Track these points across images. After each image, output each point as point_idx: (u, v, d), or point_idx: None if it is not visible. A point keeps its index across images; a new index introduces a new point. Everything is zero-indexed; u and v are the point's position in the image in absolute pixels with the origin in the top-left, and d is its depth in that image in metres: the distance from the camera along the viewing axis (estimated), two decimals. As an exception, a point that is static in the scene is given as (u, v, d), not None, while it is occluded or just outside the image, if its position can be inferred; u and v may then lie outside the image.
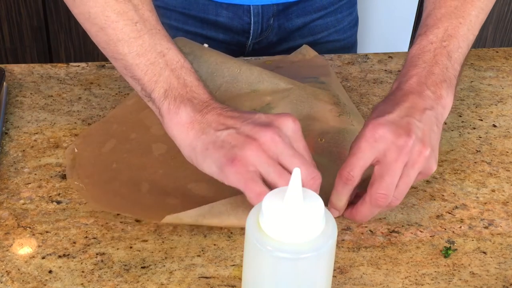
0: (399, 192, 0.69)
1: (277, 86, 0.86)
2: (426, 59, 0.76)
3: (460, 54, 0.77)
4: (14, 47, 1.97)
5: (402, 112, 0.71)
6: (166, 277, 0.68)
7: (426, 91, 0.73)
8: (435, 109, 0.73)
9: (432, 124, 0.72)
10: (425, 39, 0.77)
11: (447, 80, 0.75)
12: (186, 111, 0.70)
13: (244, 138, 0.67)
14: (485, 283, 0.69)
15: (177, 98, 0.71)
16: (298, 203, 0.54)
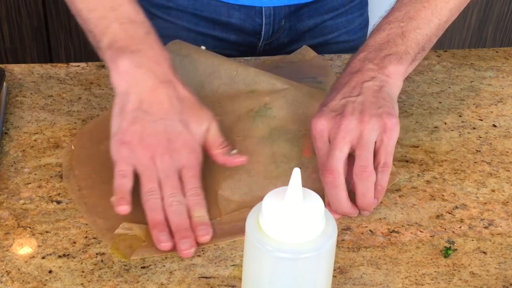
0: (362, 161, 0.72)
1: (273, 87, 0.86)
2: (378, 38, 0.79)
3: (418, 34, 0.79)
4: (14, 47, 1.97)
5: (338, 98, 0.75)
6: (166, 277, 0.68)
7: (368, 65, 0.77)
8: (376, 78, 0.76)
9: (374, 91, 0.75)
10: (384, 20, 0.81)
11: (392, 54, 0.77)
12: (124, 62, 0.74)
13: (148, 134, 0.72)
14: (485, 283, 0.69)
15: (120, 49, 0.74)
16: (298, 203, 0.54)
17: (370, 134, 0.72)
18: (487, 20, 2.15)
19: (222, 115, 0.84)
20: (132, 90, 0.74)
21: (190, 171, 0.73)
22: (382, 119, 0.72)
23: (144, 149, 0.72)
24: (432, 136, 0.88)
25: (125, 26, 0.76)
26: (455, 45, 2.18)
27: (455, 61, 1.04)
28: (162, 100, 0.74)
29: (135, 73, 0.74)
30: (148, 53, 0.75)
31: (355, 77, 0.76)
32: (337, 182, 0.71)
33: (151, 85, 0.74)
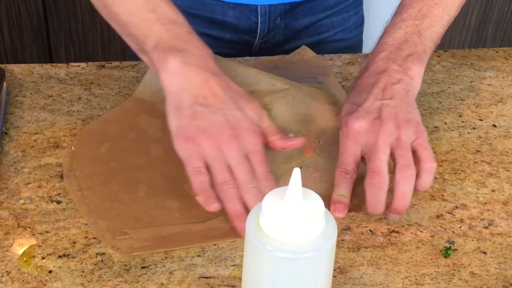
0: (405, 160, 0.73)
1: (273, 87, 0.86)
2: (396, 36, 0.80)
3: (433, 32, 0.81)
4: (14, 47, 1.97)
5: (371, 99, 0.76)
6: (166, 277, 0.68)
7: (392, 66, 0.78)
8: (403, 80, 0.77)
9: (403, 96, 0.77)
10: (398, 17, 0.82)
11: (413, 54, 0.79)
12: (174, 61, 0.75)
13: (209, 125, 0.73)
14: (485, 283, 0.69)
15: (167, 49, 0.75)
16: (298, 203, 0.54)
17: (406, 138, 0.74)
18: (487, 20, 2.15)
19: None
20: (184, 88, 0.75)
21: (257, 156, 0.74)
22: (415, 126, 0.75)
23: (209, 140, 0.72)
24: (432, 136, 0.88)
25: (168, 27, 0.77)
26: (455, 45, 2.18)
27: (455, 61, 1.04)
28: (216, 91, 0.75)
29: (186, 71, 0.75)
30: (194, 52, 0.76)
31: (383, 78, 0.77)
32: (383, 184, 0.72)
33: (203, 80, 0.75)
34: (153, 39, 0.76)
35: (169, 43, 0.76)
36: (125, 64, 0.98)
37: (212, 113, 0.73)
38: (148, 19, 0.77)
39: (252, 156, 0.73)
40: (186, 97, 0.74)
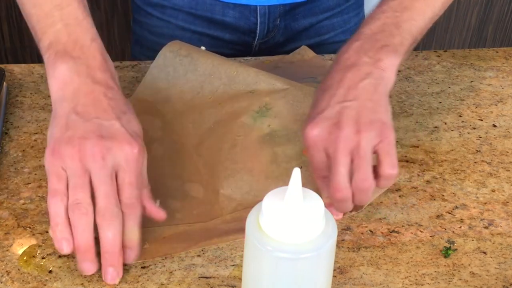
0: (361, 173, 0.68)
1: (274, 87, 0.86)
2: (373, 26, 0.76)
3: (412, 26, 0.77)
4: (14, 47, 1.97)
5: (332, 102, 0.71)
6: (166, 277, 0.68)
7: (363, 58, 0.73)
8: (372, 74, 0.72)
9: (369, 93, 0.71)
10: (379, 9, 0.78)
11: (390, 45, 0.74)
12: (62, 68, 0.68)
13: (77, 134, 0.65)
14: (485, 283, 0.69)
15: (59, 53, 0.69)
16: (298, 203, 0.54)
17: (367, 144, 0.69)
18: (487, 20, 2.15)
19: (222, 115, 0.84)
20: (67, 96, 0.67)
21: (127, 174, 0.65)
22: (378, 128, 0.70)
23: (72, 151, 0.64)
24: (432, 136, 0.88)
25: (70, 29, 0.70)
26: (455, 45, 2.18)
27: (455, 61, 1.04)
28: (99, 101, 0.67)
29: (73, 80, 0.68)
30: (89, 62, 0.69)
31: (350, 73, 0.72)
32: (347, 197, 0.69)
33: (88, 90, 0.67)
34: (48, 38, 0.70)
35: (64, 47, 0.69)
36: (125, 64, 0.98)
37: (85, 122, 0.65)
38: (51, 15, 0.70)
39: (120, 174, 0.65)
40: (64, 106, 0.67)
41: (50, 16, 0.70)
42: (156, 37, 1.07)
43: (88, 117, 0.66)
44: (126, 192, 0.65)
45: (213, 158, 0.80)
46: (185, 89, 0.88)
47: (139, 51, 1.12)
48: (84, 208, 0.64)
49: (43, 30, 0.70)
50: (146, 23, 1.09)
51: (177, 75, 0.88)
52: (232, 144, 0.81)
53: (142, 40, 1.11)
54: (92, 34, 0.71)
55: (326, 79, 0.75)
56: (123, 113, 0.68)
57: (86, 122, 0.65)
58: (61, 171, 0.64)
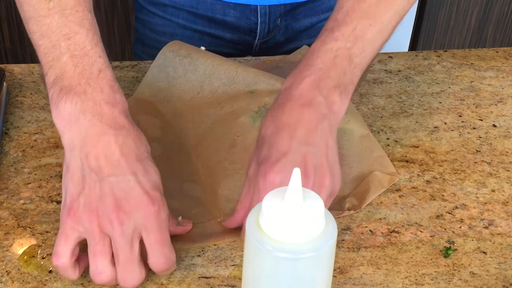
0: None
1: (273, 87, 0.86)
2: (325, 59, 0.72)
3: (363, 59, 0.73)
4: (14, 47, 1.97)
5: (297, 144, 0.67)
6: (166, 277, 0.68)
7: (318, 97, 0.70)
8: (327, 116, 0.70)
9: (327, 137, 0.69)
10: (330, 34, 0.73)
11: (341, 86, 0.71)
12: (66, 107, 0.64)
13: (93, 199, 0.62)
14: (485, 283, 0.69)
15: (64, 89, 0.65)
16: (298, 203, 0.54)
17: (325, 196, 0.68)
18: (487, 20, 2.15)
19: (222, 115, 0.84)
20: (76, 143, 0.64)
21: (151, 235, 0.63)
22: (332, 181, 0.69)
23: (89, 216, 0.62)
24: (432, 136, 0.88)
25: (76, 60, 0.65)
26: (455, 45, 2.18)
27: (455, 61, 1.04)
28: (110, 151, 0.63)
29: (79, 120, 0.64)
30: (96, 96, 0.65)
31: (307, 114, 0.69)
32: None
33: (96, 134, 0.63)
34: (54, 72, 0.66)
35: (69, 81, 0.65)
36: (125, 64, 0.98)
37: (100, 182, 0.62)
38: (58, 46, 0.66)
39: (144, 235, 0.63)
40: (75, 156, 0.64)
41: (57, 48, 0.66)
42: (157, 35, 1.08)
43: (102, 175, 0.63)
44: (156, 252, 0.64)
45: (211, 158, 0.80)
46: (185, 89, 0.88)
47: (141, 49, 1.13)
48: (105, 277, 0.63)
49: (49, 64, 0.66)
50: (147, 21, 1.09)
51: (177, 75, 0.88)
52: (231, 144, 0.81)
53: (143, 38, 1.11)
54: (100, 64, 0.66)
55: (280, 115, 0.70)
56: (138, 162, 0.64)
57: (101, 182, 0.62)
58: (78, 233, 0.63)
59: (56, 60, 0.66)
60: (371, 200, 0.77)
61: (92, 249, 0.63)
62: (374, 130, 0.88)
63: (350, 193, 0.78)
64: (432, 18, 2.10)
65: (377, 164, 0.81)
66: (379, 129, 0.89)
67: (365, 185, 0.78)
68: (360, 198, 0.77)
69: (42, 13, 0.67)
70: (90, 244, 0.63)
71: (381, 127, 0.89)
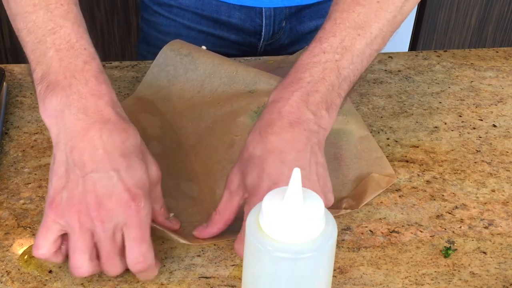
0: None
1: (273, 87, 0.85)
2: (313, 71, 0.71)
3: (351, 71, 0.72)
4: (14, 47, 1.97)
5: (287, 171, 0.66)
6: (166, 277, 0.68)
7: (307, 114, 0.69)
8: (316, 133, 0.69)
9: (316, 155, 0.69)
10: (318, 45, 0.72)
11: (328, 101, 0.70)
12: (52, 102, 0.64)
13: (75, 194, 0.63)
14: (485, 283, 0.69)
15: (50, 85, 0.65)
16: (298, 203, 0.54)
17: None
18: (487, 20, 2.15)
19: (221, 115, 0.84)
20: (61, 137, 0.64)
21: (131, 232, 0.63)
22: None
23: (70, 212, 0.62)
24: (432, 136, 0.88)
25: (61, 54, 0.65)
26: (455, 45, 2.18)
27: (455, 61, 1.04)
28: (94, 148, 0.63)
29: (64, 114, 0.64)
30: (81, 89, 0.64)
31: (297, 133, 0.68)
32: None
33: (82, 128, 0.63)
34: (41, 69, 0.66)
35: (55, 76, 0.65)
36: (125, 64, 0.98)
37: (82, 178, 0.62)
38: (44, 41, 0.66)
39: (125, 231, 0.64)
40: (61, 150, 0.64)
41: (43, 43, 0.66)
42: (162, 35, 1.08)
43: (85, 171, 0.63)
44: (133, 249, 0.64)
45: (210, 157, 0.80)
46: (185, 88, 0.88)
47: (145, 48, 1.13)
48: (84, 271, 0.64)
49: (37, 60, 0.67)
50: (153, 21, 1.09)
51: (178, 74, 0.89)
52: (229, 144, 0.81)
53: (148, 38, 1.12)
54: (85, 56, 0.66)
55: (269, 134, 0.68)
56: (122, 158, 0.64)
57: (83, 178, 0.63)
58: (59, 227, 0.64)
59: (42, 56, 0.66)
60: (368, 201, 0.77)
61: (72, 244, 0.63)
62: (374, 130, 0.88)
63: (348, 194, 0.78)
64: (432, 18, 2.10)
65: (376, 166, 0.81)
66: (379, 129, 0.89)
67: (363, 186, 0.78)
68: (357, 198, 0.77)
69: (28, 9, 0.67)
70: (70, 238, 0.63)
71: (381, 127, 0.89)
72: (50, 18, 0.67)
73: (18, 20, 0.68)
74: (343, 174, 0.79)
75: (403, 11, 0.75)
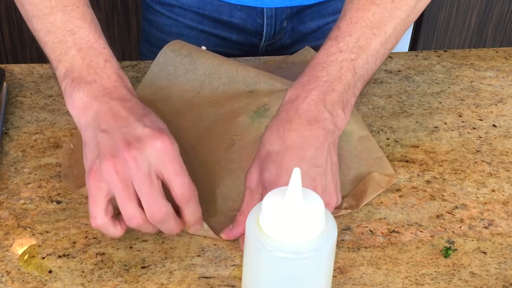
0: None
1: (272, 87, 0.86)
2: (330, 70, 0.72)
3: (365, 70, 0.73)
4: (14, 47, 1.97)
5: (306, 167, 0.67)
6: (166, 277, 0.68)
7: (324, 113, 0.70)
8: (332, 132, 0.70)
9: (332, 154, 0.70)
10: (334, 44, 0.73)
11: (344, 100, 0.72)
12: (79, 95, 0.69)
13: (107, 150, 0.65)
14: (485, 283, 0.69)
15: (75, 80, 0.69)
16: (298, 203, 0.54)
17: None
18: (487, 20, 2.15)
19: (221, 115, 0.84)
20: (90, 121, 0.68)
21: (169, 167, 0.65)
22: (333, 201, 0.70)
23: (107, 167, 0.64)
24: (432, 136, 0.88)
25: (83, 53, 0.70)
26: (455, 45, 2.18)
27: (455, 61, 1.04)
28: (119, 113, 0.67)
29: (91, 104, 0.68)
30: (104, 83, 0.70)
31: (315, 131, 0.69)
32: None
33: (107, 107, 0.68)
34: (64, 66, 0.70)
35: (79, 73, 0.69)
36: (125, 64, 0.98)
37: (112, 137, 0.66)
38: (65, 41, 0.71)
39: (162, 169, 0.65)
40: (90, 130, 0.67)
41: (64, 43, 0.71)
42: (164, 35, 1.08)
43: (113, 131, 0.66)
44: (176, 183, 0.66)
45: (209, 157, 0.80)
46: (185, 88, 0.88)
47: (147, 48, 1.13)
48: (137, 220, 0.65)
49: (58, 59, 0.71)
50: (154, 21, 1.09)
51: (177, 74, 0.89)
52: (229, 144, 0.81)
53: (150, 37, 1.12)
54: (106, 56, 0.71)
55: (287, 131, 0.69)
56: (144, 116, 0.68)
57: (113, 136, 0.65)
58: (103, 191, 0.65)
59: (64, 54, 0.70)
60: (368, 201, 0.77)
61: (119, 200, 0.65)
62: (374, 130, 0.88)
63: (347, 194, 0.78)
64: (432, 18, 2.10)
65: (376, 166, 0.81)
66: (379, 129, 0.89)
67: (363, 186, 0.78)
68: (357, 198, 0.77)
69: (46, 11, 0.71)
70: (116, 196, 0.65)
71: (381, 127, 0.89)
72: (69, 20, 0.71)
73: (35, 21, 0.72)
74: (343, 174, 0.79)
75: (416, 10, 0.76)
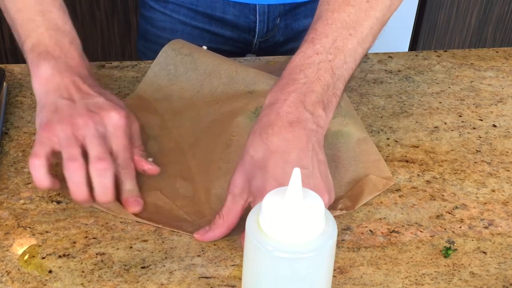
0: None
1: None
2: (308, 72, 0.72)
3: (345, 70, 0.73)
4: (14, 47, 1.97)
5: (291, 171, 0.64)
6: (166, 277, 0.68)
7: (305, 114, 0.70)
8: (315, 132, 0.70)
9: (317, 153, 0.70)
10: (311, 46, 0.74)
11: (324, 100, 0.71)
12: (45, 67, 0.74)
13: (68, 113, 0.71)
14: (485, 283, 0.69)
15: (42, 53, 0.75)
16: (298, 202, 0.54)
17: None
18: (487, 20, 2.15)
19: (220, 115, 0.84)
20: (52, 89, 0.74)
21: (119, 140, 0.72)
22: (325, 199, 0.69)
23: (63, 126, 0.70)
24: (432, 136, 0.88)
25: (50, 33, 0.76)
26: (455, 45, 2.18)
27: (455, 61, 1.04)
28: (81, 87, 0.74)
29: (55, 77, 0.74)
30: (69, 61, 0.76)
31: (297, 132, 0.69)
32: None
33: (70, 81, 0.74)
34: (31, 41, 0.76)
35: (46, 48, 0.76)
36: (125, 64, 0.98)
37: (73, 104, 0.72)
38: (33, 20, 0.77)
39: (113, 140, 0.72)
40: (50, 96, 0.73)
41: (33, 21, 0.77)
42: (158, 30, 1.09)
43: (74, 100, 0.72)
44: (120, 154, 0.72)
45: (206, 157, 0.80)
46: (185, 88, 0.88)
47: (143, 44, 1.14)
48: (78, 163, 0.69)
49: (26, 34, 0.77)
50: (149, 17, 1.10)
51: (178, 73, 0.89)
52: (226, 144, 0.81)
53: (145, 33, 1.12)
54: (70, 37, 0.78)
55: (270, 135, 0.69)
56: (103, 93, 0.75)
57: (74, 103, 0.72)
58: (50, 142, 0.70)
59: (32, 31, 0.77)
60: (364, 202, 0.77)
61: (64, 144, 0.69)
62: (374, 130, 0.88)
63: (344, 195, 0.78)
64: (432, 18, 2.10)
65: (374, 168, 0.81)
66: (379, 129, 0.89)
67: (359, 187, 0.78)
68: (353, 199, 0.77)
69: None
70: (62, 142, 0.70)
71: (381, 127, 0.89)
72: (39, 2, 0.78)
73: (8, 1, 0.79)
74: (340, 176, 0.79)
75: (391, 9, 0.77)
